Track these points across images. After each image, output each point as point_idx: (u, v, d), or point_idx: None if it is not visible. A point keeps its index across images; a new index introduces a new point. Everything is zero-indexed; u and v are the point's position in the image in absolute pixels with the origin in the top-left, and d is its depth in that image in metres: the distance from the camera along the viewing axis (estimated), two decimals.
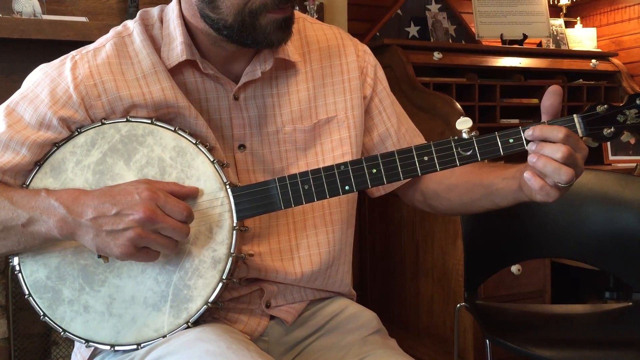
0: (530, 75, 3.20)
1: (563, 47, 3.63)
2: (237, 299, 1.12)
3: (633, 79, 3.48)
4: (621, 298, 2.80)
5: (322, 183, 1.01)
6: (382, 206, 2.92)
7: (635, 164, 2.93)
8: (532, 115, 3.17)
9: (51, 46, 2.16)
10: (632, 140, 1.01)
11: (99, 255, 0.99)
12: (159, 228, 0.94)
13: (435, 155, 1.00)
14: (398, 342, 1.19)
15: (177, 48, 1.05)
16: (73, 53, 1.08)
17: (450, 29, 3.41)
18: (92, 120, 1.04)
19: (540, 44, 3.58)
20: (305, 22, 1.19)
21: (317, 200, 1.02)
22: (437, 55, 2.94)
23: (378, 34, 3.27)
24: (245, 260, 1.09)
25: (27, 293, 1.03)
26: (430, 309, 2.67)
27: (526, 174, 0.97)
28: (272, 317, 1.15)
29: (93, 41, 1.11)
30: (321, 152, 1.15)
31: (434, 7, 3.41)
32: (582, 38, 3.72)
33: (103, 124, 1.03)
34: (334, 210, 1.16)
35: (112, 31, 1.11)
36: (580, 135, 0.98)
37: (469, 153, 1.00)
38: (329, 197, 1.02)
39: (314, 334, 1.16)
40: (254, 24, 1.00)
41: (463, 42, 3.43)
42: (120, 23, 1.13)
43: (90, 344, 1.02)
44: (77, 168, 1.03)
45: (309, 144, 1.14)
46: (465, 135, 1.00)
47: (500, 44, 3.35)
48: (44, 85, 1.04)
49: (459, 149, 1.00)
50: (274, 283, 1.14)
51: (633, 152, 3.23)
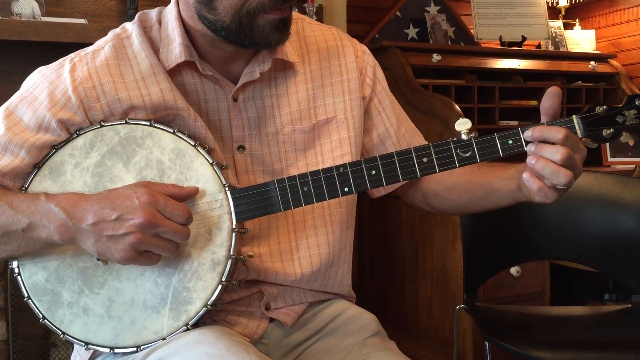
0: (529, 77, 3.20)
1: (562, 49, 3.63)
2: (237, 302, 1.12)
3: (632, 81, 3.48)
4: (620, 300, 2.80)
5: (321, 185, 1.01)
6: (382, 207, 2.92)
7: (634, 166, 2.92)
8: (531, 116, 3.17)
9: (50, 48, 2.16)
10: (631, 142, 1.02)
11: (98, 258, 0.99)
12: (159, 232, 0.94)
13: (434, 156, 1.00)
14: (397, 344, 1.19)
15: (176, 50, 1.05)
16: (72, 55, 1.08)
17: (449, 31, 3.41)
18: (91, 123, 1.04)
19: (539, 46, 3.58)
20: (303, 23, 1.19)
21: (316, 202, 1.02)
22: (436, 57, 2.94)
23: (377, 35, 3.27)
24: (245, 261, 1.09)
25: (27, 296, 1.02)
26: (430, 311, 2.67)
27: (525, 175, 0.97)
28: (272, 320, 1.14)
29: (92, 43, 1.11)
30: (320, 153, 1.14)
31: (433, 9, 3.41)
32: (581, 40, 3.72)
33: (102, 126, 1.03)
34: (334, 211, 1.16)
35: (111, 33, 1.10)
36: (580, 136, 0.98)
37: (468, 154, 1.00)
38: (328, 199, 1.02)
39: (314, 336, 1.16)
40: (252, 24, 1.00)
41: (462, 44, 3.43)
42: (119, 25, 1.13)
43: (89, 347, 1.02)
44: (76, 170, 1.02)
45: (308, 145, 1.14)
46: (464, 136, 1.00)
47: (499, 46, 3.34)
48: (43, 87, 1.04)
49: (458, 151, 1.00)
50: (274, 285, 1.14)
51: (632, 154, 3.23)
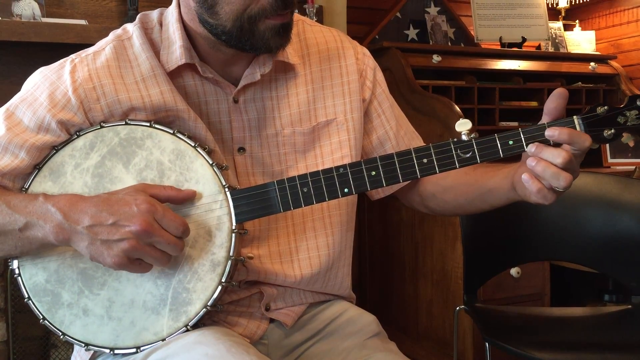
0: (529, 78, 3.20)
1: (562, 50, 3.62)
2: (237, 302, 1.12)
3: (632, 82, 3.48)
4: (620, 301, 2.80)
5: (321, 186, 1.01)
6: (381, 208, 2.92)
7: (634, 167, 2.93)
8: (531, 117, 3.16)
9: (51, 49, 2.16)
10: (632, 143, 1.01)
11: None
12: (154, 241, 0.94)
13: (434, 157, 1.00)
14: (397, 345, 1.19)
15: (176, 52, 1.05)
16: (72, 56, 1.08)
17: (449, 32, 3.41)
18: (91, 124, 1.04)
19: (539, 47, 3.58)
20: (304, 25, 1.19)
21: (316, 202, 1.01)
22: (436, 58, 2.94)
23: (377, 36, 3.27)
24: (245, 263, 1.09)
25: (27, 296, 1.02)
26: (430, 312, 2.67)
27: (524, 177, 0.96)
28: (272, 320, 1.14)
29: (92, 44, 1.11)
30: (320, 155, 1.14)
31: (433, 10, 3.41)
32: (581, 41, 3.72)
33: (102, 127, 1.03)
34: (334, 213, 1.16)
35: (112, 34, 1.10)
36: None
37: (468, 155, 0.99)
38: (328, 200, 1.02)
39: (314, 337, 1.16)
40: (253, 29, 1.00)
41: (462, 45, 3.43)
42: (119, 26, 1.13)
43: (89, 348, 1.02)
44: (76, 171, 1.02)
45: (308, 147, 1.14)
46: (464, 137, 0.99)
47: (499, 47, 3.34)
48: (43, 88, 1.04)
49: (459, 151, 0.99)
50: (274, 286, 1.13)
51: (632, 155, 3.23)
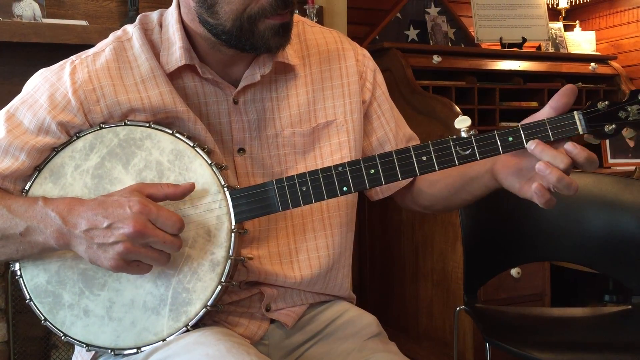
0: (530, 79, 3.20)
1: (562, 51, 3.62)
2: (237, 303, 1.12)
3: (632, 82, 3.48)
4: (620, 301, 2.80)
5: (320, 184, 1.00)
6: (382, 209, 2.92)
7: (634, 167, 2.92)
8: None
9: (51, 50, 2.16)
10: (632, 143, 1.01)
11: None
12: (149, 242, 0.94)
13: (433, 155, 0.99)
14: (397, 346, 1.19)
15: (176, 53, 1.06)
16: (72, 58, 1.08)
17: (449, 33, 3.41)
18: (91, 125, 1.04)
19: (539, 48, 3.58)
20: (304, 26, 1.19)
21: (315, 201, 1.01)
22: (437, 58, 2.94)
23: (377, 37, 3.27)
24: (245, 263, 1.09)
25: (28, 298, 1.03)
26: (430, 312, 2.67)
27: (535, 187, 0.95)
28: (273, 321, 1.15)
29: (93, 45, 1.11)
30: (320, 156, 1.15)
31: (433, 11, 3.41)
32: (581, 41, 3.72)
33: (101, 128, 1.04)
34: (333, 214, 1.16)
35: (112, 35, 1.11)
36: (581, 132, 0.96)
37: (467, 152, 0.98)
38: (327, 199, 1.01)
39: (314, 337, 1.16)
40: (252, 29, 1.00)
41: (462, 46, 3.43)
42: (120, 27, 1.13)
43: (90, 348, 1.02)
44: (76, 173, 1.03)
45: (308, 148, 1.14)
46: (464, 134, 0.99)
47: (499, 48, 3.34)
48: (43, 90, 1.04)
49: (458, 148, 0.99)
50: (274, 286, 1.13)
51: (632, 155, 3.23)
